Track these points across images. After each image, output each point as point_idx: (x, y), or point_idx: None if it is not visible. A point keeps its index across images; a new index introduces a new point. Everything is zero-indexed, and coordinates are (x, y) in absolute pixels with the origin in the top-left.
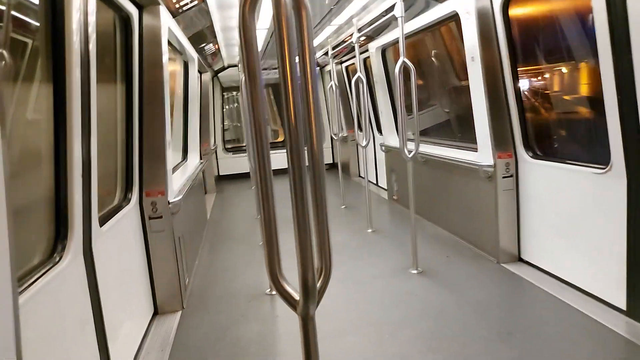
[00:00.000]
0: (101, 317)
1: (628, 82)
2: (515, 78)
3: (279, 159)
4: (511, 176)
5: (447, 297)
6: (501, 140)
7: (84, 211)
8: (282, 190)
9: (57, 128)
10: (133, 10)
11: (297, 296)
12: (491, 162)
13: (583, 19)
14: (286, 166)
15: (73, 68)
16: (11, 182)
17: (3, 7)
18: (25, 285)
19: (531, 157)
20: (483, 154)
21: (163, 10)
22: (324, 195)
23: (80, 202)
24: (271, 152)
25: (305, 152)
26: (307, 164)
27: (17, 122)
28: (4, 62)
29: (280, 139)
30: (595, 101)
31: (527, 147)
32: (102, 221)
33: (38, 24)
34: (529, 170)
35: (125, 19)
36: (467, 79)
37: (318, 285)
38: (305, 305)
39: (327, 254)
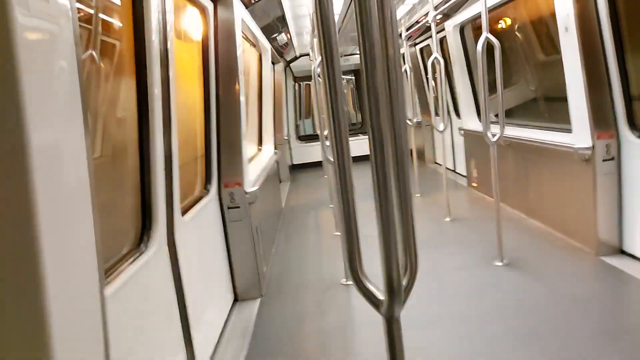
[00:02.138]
0: (184, 305)
1: None
2: (619, 48)
3: (354, 147)
4: (612, 159)
5: (538, 291)
6: (601, 119)
7: (167, 203)
8: (358, 180)
9: (140, 125)
10: (208, 4)
11: (380, 296)
12: (589, 144)
13: None
14: (363, 154)
15: (153, 67)
16: (100, 177)
17: (91, 10)
18: (113, 275)
19: (638, 137)
20: (579, 135)
21: (236, 2)
22: (409, 186)
23: (163, 194)
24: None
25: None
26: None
27: (106, 120)
28: (94, 64)
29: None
30: None
31: (633, 126)
32: (184, 212)
33: (121, 25)
34: (634, 152)
35: (201, 13)
36: (555, 53)
37: (404, 283)
38: (390, 306)
39: (412, 249)
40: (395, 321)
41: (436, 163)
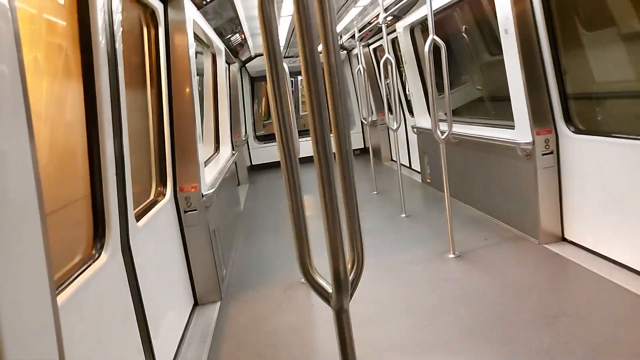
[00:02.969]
0: (143, 312)
1: None
2: (554, 49)
3: (307, 147)
4: (551, 153)
5: (486, 281)
6: (540, 116)
7: (120, 208)
8: (312, 179)
9: (89, 128)
10: (158, 5)
11: (330, 289)
12: (529, 140)
13: None
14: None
15: (100, 68)
16: (48, 184)
17: (34, 10)
18: (66, 284)
19: (573, 132)
20: (520, 131)
21: (187, 2)
22: (353, 183)
23: (115, 200)
24: (301, 140)
25: (333, 139)
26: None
27: (53, 125)
28: (37, 66)
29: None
30: None
31: (569, 121)
32: (138, 217)
33: (66, 25)
34: (570, 146)
35: (151, 14)
36: (501, 54)
37: (351, 277)
38: (339, 298)
39: (358, 244)
40: (344, 312)
41: (393, 160)
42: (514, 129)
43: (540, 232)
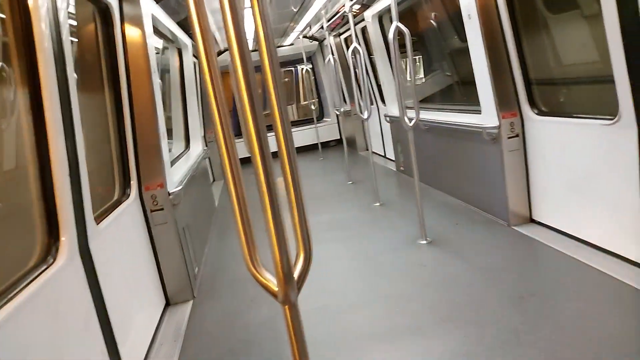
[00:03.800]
0: (106, 316)
1: (633, 25)
2: (516, 33)
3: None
4: (517, 136)
5: (457, 265)
6: (505, 100)
7: (76, 210)
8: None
9: (36, 129)
10: (112, 0)
11: (277, 284)
12: (495, 124)
13: None
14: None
15: (46, 66)
16: None
17: None
18: (17, 289)
19: (537, 114)
20: (487, 116)
21: None
22: (297, 176)
23: (70, 202)
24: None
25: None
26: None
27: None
28: None
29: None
30: (602, 49)
31: (533, 104)
32: (100, 219)
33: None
34: (535, 129)
35: (104, 10)
36: (466, 40)
37: (299, 270)
38: (285, 293)
39: (305, 236)
40: (292, 307)
41: (368, 150)
42: (480, 113)
43: (509, 215)
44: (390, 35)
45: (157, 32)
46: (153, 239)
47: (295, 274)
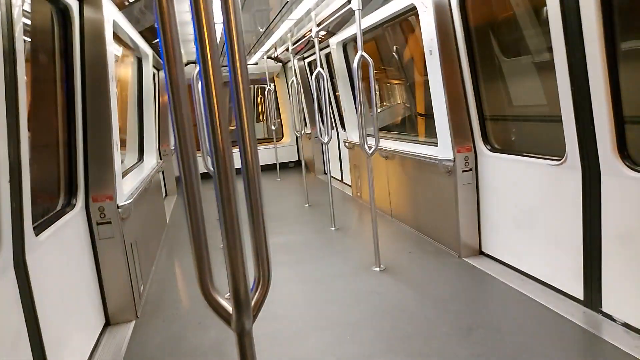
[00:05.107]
0: (39, 334)
1: (581, 74)
2: (473, 72)
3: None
4: (470, 170)
5: (409, 294)
6: (460, 135)
7: (14, 220)
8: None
9: None
10: (72, 2)
11: (231, 310)
12: (451, 157)
13: (538, 12)
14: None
15: None
16: None
17: None
18: None
19: (490, 150)
20: (443, 149)
21: (107, 2)
22: (260, 199)
23: (8, 211)
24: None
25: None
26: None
27: None
28: None
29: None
30: (551, 94)
31: (486, 141)
32: (39, 230)
33: None
34: (488, 164)
35: (64, 11)
36: (427, 74)
37: (255, 297)
38: (239, 320)
39: (265, 262)
40: (246, 335)
41: (326, 174)
42: (437, 146)
43: (460, 246)
44: (355, 64)
45: (117, 38)
46: (97, 254)
47: (252, 301)
